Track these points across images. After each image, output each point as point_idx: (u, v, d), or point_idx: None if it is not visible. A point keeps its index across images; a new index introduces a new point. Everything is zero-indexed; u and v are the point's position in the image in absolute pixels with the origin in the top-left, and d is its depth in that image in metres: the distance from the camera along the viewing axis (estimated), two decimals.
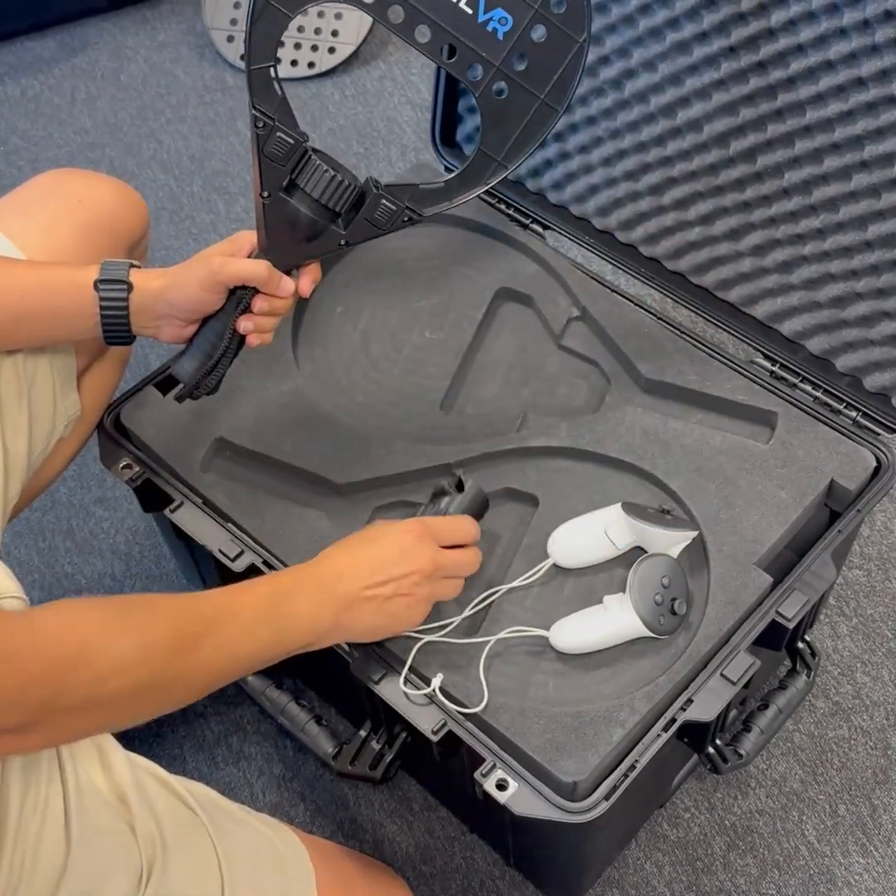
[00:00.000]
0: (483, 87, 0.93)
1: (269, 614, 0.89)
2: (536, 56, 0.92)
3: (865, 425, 1.15)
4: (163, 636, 0.81)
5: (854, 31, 1.00)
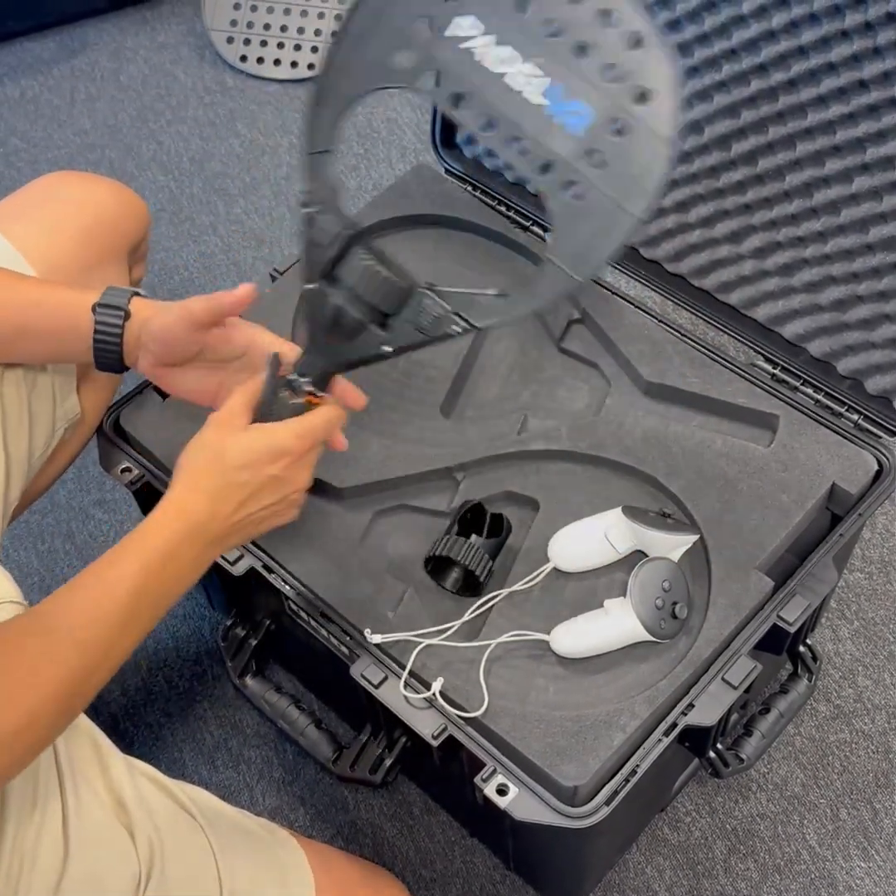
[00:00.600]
0: (553, 187, 0.81)
1: (147, 589, 0.83)
2: (613, 155, 0.79)
3: (867, 428, 1.14)
4: (49, 702, 0.75)
5: (856, 33, 1.00)
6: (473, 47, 0.81)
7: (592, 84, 0.78)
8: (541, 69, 0.80)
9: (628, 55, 0.77)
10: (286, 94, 2.06)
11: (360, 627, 1.02)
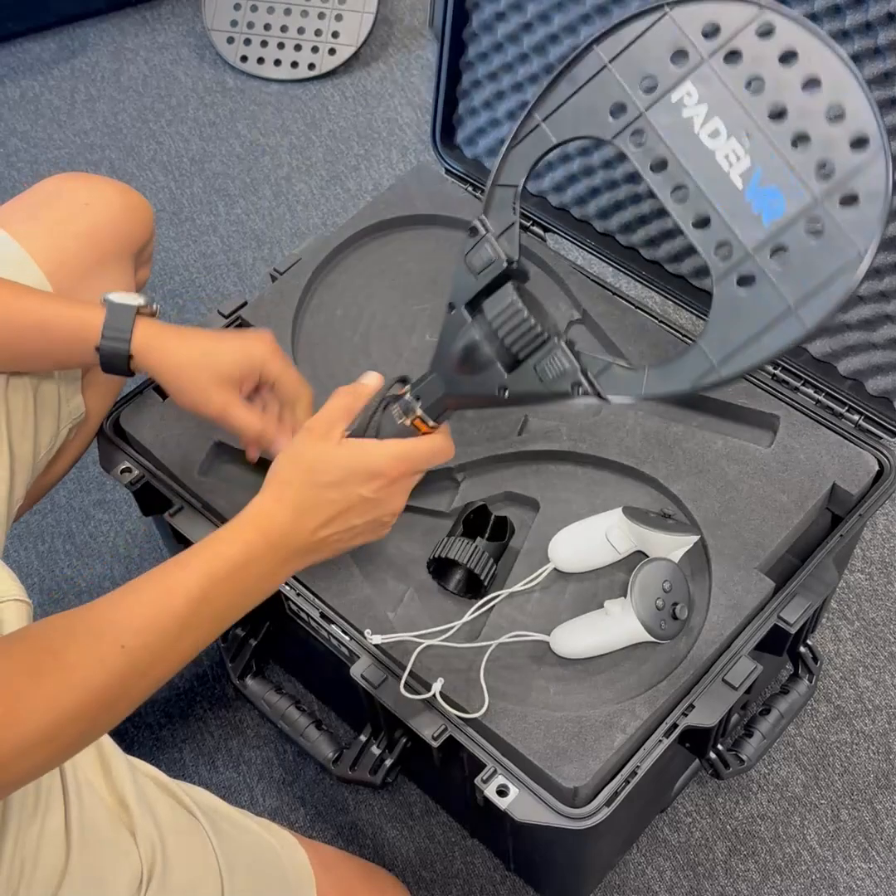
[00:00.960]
0: (726, 273, 0.78)
1: (210, 599, 0.80)
2: (800, 254, 0.75)
3: (867, 429, 1.14)
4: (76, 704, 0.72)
5: (856, 33, 1.00)
6: (693, 116, 0.79)
7: (798, 176, 0.75)
8: (746, 150, 0.77)
9: (846, 154, 0.73)
10: (286, 94, 2.06)
11: (360, 628, 1.02)
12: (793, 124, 0.75)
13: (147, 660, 0.76)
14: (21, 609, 0.92)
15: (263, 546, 0.83)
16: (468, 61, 1.32)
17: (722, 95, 0.78)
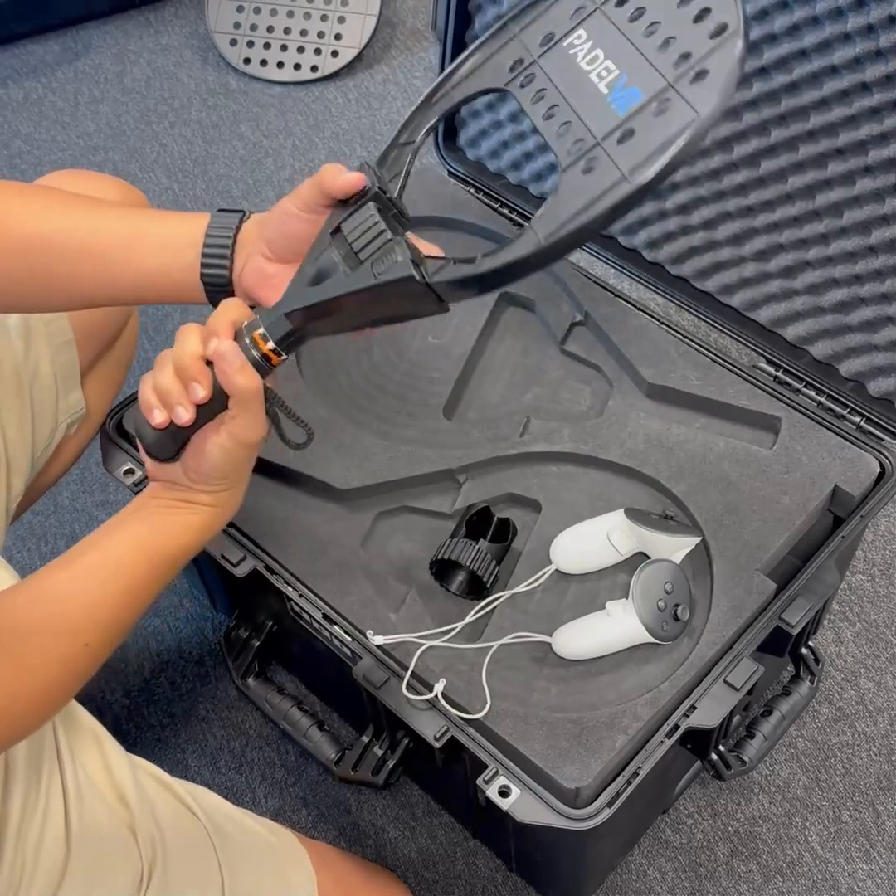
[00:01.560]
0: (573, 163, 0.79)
1: (155, 579, 0.85)
2: (644, 132, 0.77)
3: (869, 431, 1.14)
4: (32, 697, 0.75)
5: (858, 35, 1.00)
6: (578, 52, 0.84)
7: (658, 71, 0.78)
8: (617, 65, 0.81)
9: (705, 42, 0.76)
10: (289, 96, 2.07)
11: (362, 629, 1.02)
12: (662, 33, 0.80)
13: (106, 650, 0.80)
14: None
15: (193, 538, 0.86)
16: None
17: (607, 31, 0.84)
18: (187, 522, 0.84)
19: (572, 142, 0.80)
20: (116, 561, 0.83)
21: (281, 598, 1.07)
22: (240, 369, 0.77)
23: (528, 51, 0.88)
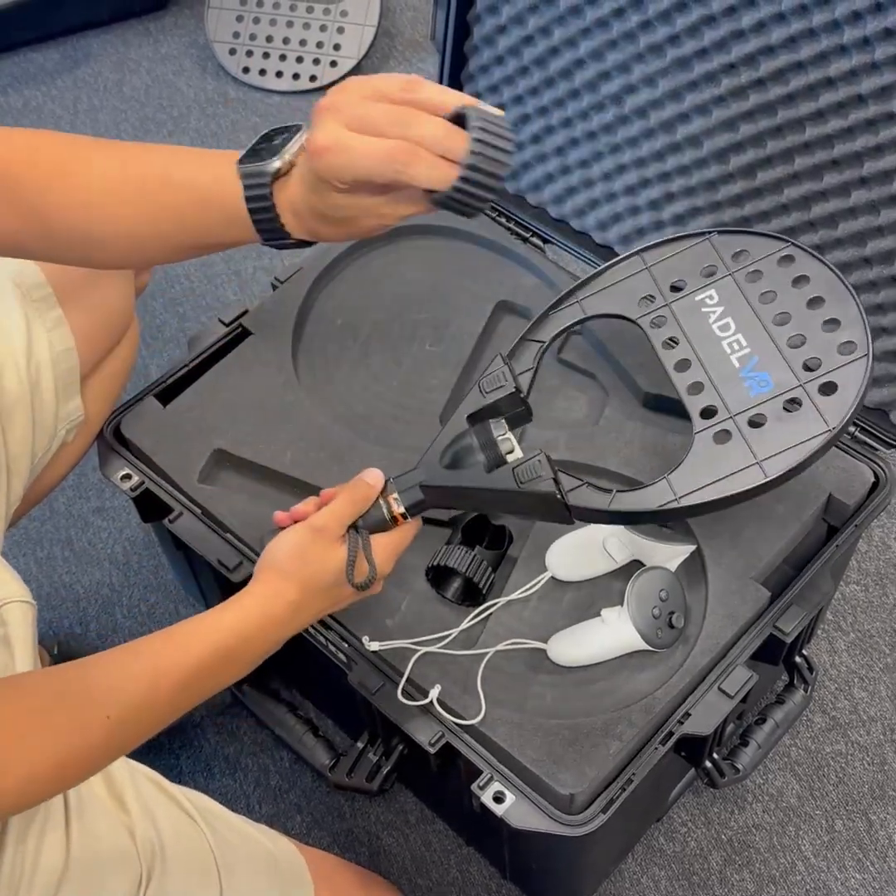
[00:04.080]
0: (706, 428, 0.91)
1: (197, 682, 0.83)
2: (776, 424, 0.89)
3: (864, 441, 1.15)
4: (53, 764, 0.74)
5: (854, 48, 1.01)
6: (710, 312, 0.96)
7: (790, 367, 0.89)
8: (749, 342, 0.93)
9: (834, 355, 0.87)
10: (288, 105, 2.07)
11: (357, 635, 1.03)
12: (793, 328, 0.91)
13: (128, 731, 0.78)
14: (26, 610, 0.92)
15: (256, 639, 0.86)
16: (469, 74, 1.33)
17: (738, 302, 0.95)
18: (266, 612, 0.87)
19: (704, 405, 0.91)
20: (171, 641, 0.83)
21: None
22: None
23: (659, 290, 0.99)
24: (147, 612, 1.48)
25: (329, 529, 0.88)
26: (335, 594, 0.90)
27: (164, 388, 1.20)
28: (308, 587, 0.87)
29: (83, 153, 0.86)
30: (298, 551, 0.87)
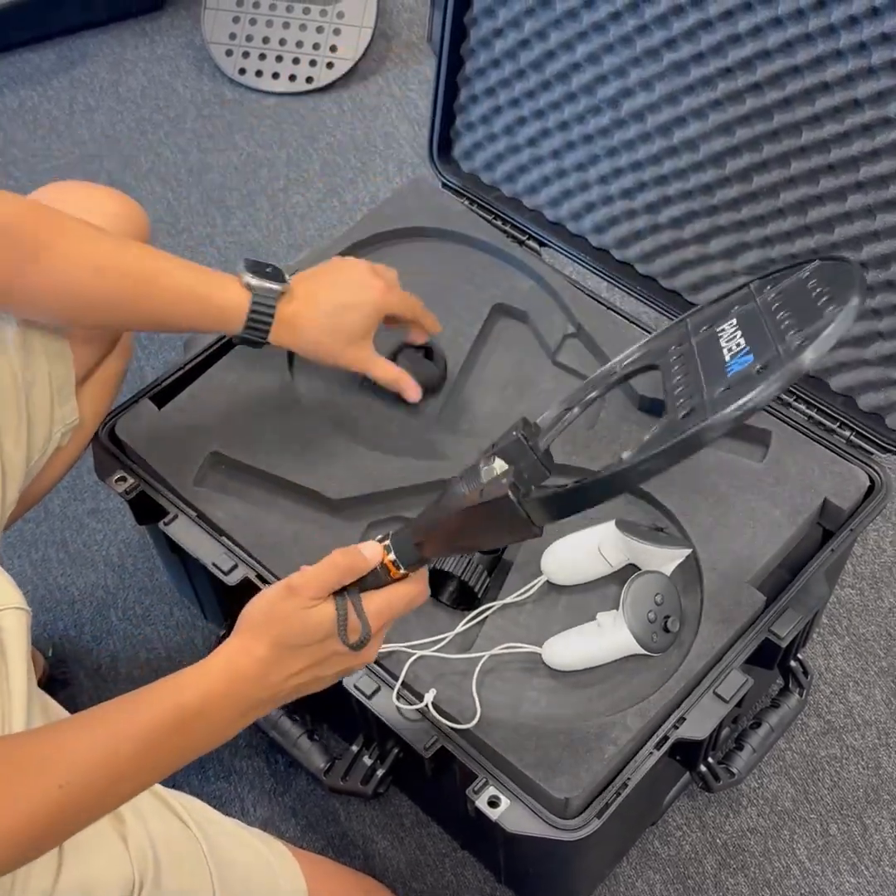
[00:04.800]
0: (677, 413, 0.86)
1: (162, 747, 0.77)
2: (737, 385, 0.83)
3: (859, 445, 1.15)
4: (20, 826, 0.69)
5: (850, 53, 1.01)
6: (722, 335, 0.93)
7: (776, 341, 0.84)
8: (747, 343, 0.89)
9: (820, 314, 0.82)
10: (284, 107, 2.07)
11: None
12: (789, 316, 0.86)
13: (83, 800, 0.73)
14: (21, 617, 0.92)
15: (223, 697, 0.79)
16: (466, 77, 1.33)
17: (754, 321, 0.92)
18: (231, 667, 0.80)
19: (681, 401, 0.87)
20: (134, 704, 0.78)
21: None
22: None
23: (688, 336, 0.97)
24: (142, 615, 1.48)
25: (304, 589, 0.80)
26: (318, 655, 0.81)
27: (160, 390, 1.20)
28: (278, 644, 0.80)
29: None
30: (269, 608, 0.81)
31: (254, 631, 0.81)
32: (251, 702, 0.80)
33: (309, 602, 0.80)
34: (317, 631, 0.80)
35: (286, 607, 0.81)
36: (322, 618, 0.81)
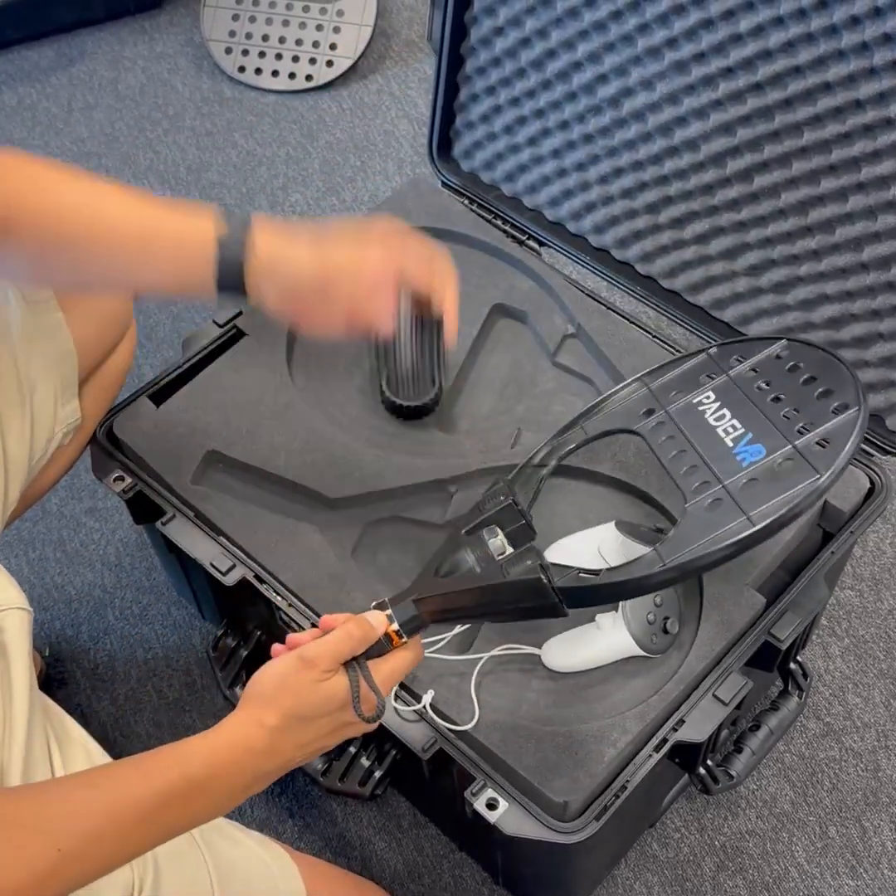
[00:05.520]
0: (699, 500, 0.89)
1: (163, 817, 0.75)
2: (765, 482, 0.86)
3: (860, 447, 1.14)
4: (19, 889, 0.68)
5: (852, 53, 1.00)
6: (707, 409, 0.97)
7: (783, 435, 0.89)
8: (743, 424, 0.93)
9: (828, 418, 0.87)
10: (283, 105, 2.07)
11: None
12: (787, 405, 0.92)
13: (83, 865, 0.72)
14: (23, 617, 0.92)
15: (230, 768, 0.78)
16: (466, 75, 1.33)
17: (733, 394, 0.96)
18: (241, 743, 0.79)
19: (698, 483, 0.90)
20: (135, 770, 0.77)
21: (270, 608, 1.07)
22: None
23: (658, 402, 1.01)
24: (139, 614, 1.47)
25: (319, 661, 0.80)
26: (328, 727, 0.81)
27: (158, 389, 1.20)
28: (289, 715, 0.79)
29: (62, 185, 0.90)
30: (281, 680, 0.80)
31: (264, 702, 0.80)
32: (258, 774, 0.80)
33: (322, 675, 0.80)
34: (331, 703, 0.80)
35: (300, 680, 0.80)
36: (336, 690, 0.80)
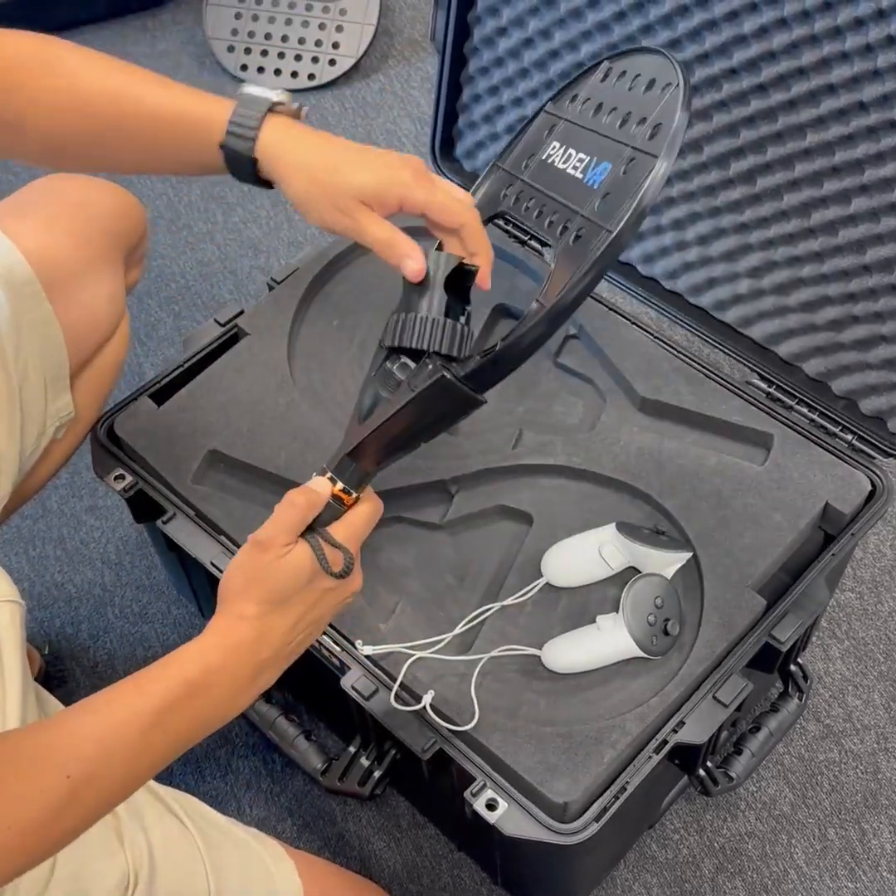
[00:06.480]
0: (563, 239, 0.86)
1: (171, 722, 0.75)
2: (616, 190, 0.84)
3: (861, 449, 1.15)
4: (10, 835, 0.67)
5: (856, 55, 1.00)
6: (555, 157, 0.95)
7: (622, 142, 0.86)
8: (587, 153, 0.91)
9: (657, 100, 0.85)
10: None
11: (351, 639, 1.02)
12: (621, 112, 0.90)
13: (98, 787, 0.72)
14: (14, 610, 0.92)
15: (226, 662, 0.78)
16: (469, 75, 1.33)
17: (574, 133, 0.95)
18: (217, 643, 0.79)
19: (561, 227, 0.88)
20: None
21: None
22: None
23: (512, 176, 0.99)
24: (139, 613, 1.47)
25: (273, 539, 0.81)
26: (309, 598, 0.82)
27: (159, 388, 1.20)
28: (264, 599, 0.79)
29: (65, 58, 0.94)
30: (245, 571, 0.81)
31: (238, 597, 0.80)
32: (256, 665, 0.80)
33: (282, 550, 0.80)
34: (300, 574, 0.81)
35: (262, 563, 0.80)
36: (300, 560, 0.81)
